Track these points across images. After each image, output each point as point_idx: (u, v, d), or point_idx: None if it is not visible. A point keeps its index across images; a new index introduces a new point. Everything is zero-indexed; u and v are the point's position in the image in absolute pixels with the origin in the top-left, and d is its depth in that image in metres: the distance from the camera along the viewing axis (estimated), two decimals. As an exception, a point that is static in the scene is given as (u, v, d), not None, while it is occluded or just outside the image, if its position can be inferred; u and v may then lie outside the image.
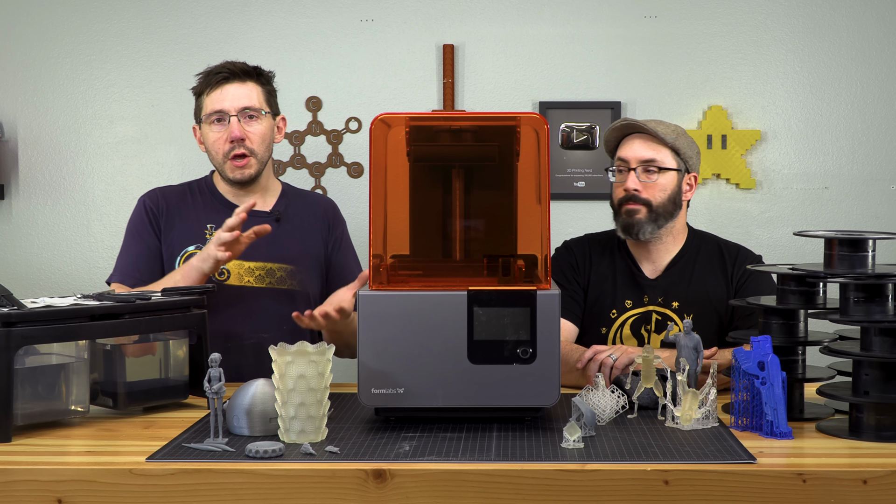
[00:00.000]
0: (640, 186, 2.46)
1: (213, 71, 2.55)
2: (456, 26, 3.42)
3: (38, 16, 3.44)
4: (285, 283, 2.56)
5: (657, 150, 2.46)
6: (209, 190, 2.62)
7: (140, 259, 2.55)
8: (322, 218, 2.66)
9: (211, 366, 1.83)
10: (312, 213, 2.66)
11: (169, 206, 2.59)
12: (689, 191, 2.51)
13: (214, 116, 2.52)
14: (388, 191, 2.04)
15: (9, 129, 3.44)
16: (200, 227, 2.56)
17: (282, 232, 2.58)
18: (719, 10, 3.42)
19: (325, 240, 2.65)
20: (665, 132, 2.47)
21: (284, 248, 2.57)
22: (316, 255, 2.62)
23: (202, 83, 2.56)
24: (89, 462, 1.75)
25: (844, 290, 1.93)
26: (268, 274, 2.53)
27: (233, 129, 2.50)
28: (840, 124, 3.43)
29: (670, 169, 2.46)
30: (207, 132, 2.54)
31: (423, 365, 1.89)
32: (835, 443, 1.87)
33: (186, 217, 2.58)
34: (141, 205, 2.61)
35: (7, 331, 1.84)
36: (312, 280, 2.60)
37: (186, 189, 2.65)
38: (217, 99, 2.52)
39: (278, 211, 2.60)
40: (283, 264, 2.56)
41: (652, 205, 2.45)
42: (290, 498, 1.67)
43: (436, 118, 2.43)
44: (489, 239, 2.10)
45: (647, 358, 2.00)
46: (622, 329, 2.50)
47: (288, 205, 2.63)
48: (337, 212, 2.72)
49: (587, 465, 1.68)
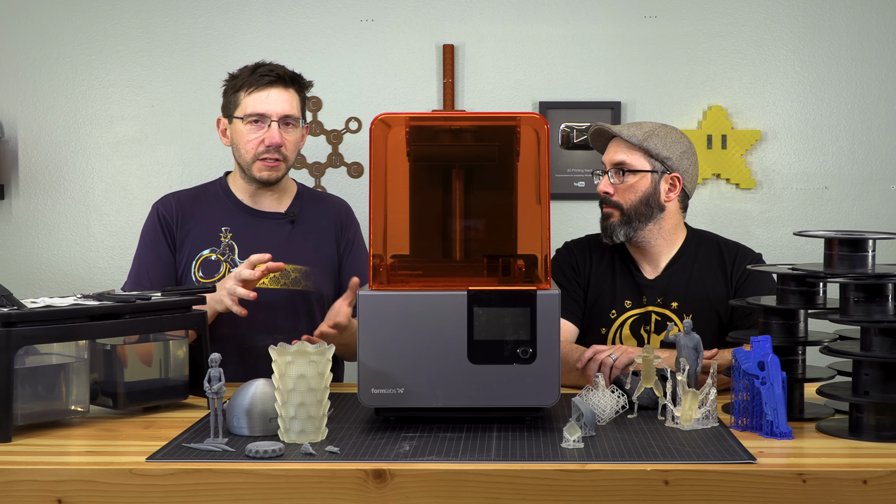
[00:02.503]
0: (612, 189, 2.47)
1: (258, 70, 2.52)
2: (456, 26, 3.42)
3: (38, 16, 3.44)
4: (300, 285, 2.56)
5: (628, 153, 2.46)
6: (224, 192, 2.61)
7: (152, 269, 2.54)
8: (335, 220, 2.67)
9: (211, 366, 1.83)
10: (326, 214, 2.66)
11: (183, 213, 2.58)
12: (671, 191, 2.49)
13: (254, 117, 2.51)
14: (388, 191, 2.04)
15: (9, 129, 3.44)
16: (215, 230, 2.56)
17: (296, 233, 2.59)
18: (719, 10, 3.42)
19: (337, 241, 2.66)
20: (632, 134, 2.46)
21: (299, 250, 2.57)
22: (329, 256, 2.63)
23: (245, 80, 2.52)
24: (89, 462, 1.75)
25: (844, 290, 1.93)
26: (283, 275, 2.53)
27: (273, 135, 2.50)
28: (840, 124, 3.43)
29: (640, 171, 2.45)
30: (241, 130, 2.52)
31: (423, 365, 1.89)
32: (835, 443, 1.87)
33: (201, 221, 2.57)
34: (154, 213, 2.59)
35: (7, 331, 1.84)
36: (326, 281, 2.61)
37: (201, 192, 2.64)
38: (260, 101, 2.50)
39: (293, 212, 2.60)
40: (297, 265, 2.56)
41: (623, 207, 2.46)
42: (290, 498, 1.67)
43: (436, 118, 2.43)
44: (489, 239, 2.10)
45: (647, 358, 2.00)
46: (622, 329, 2.50)
47: (302, 206, 2.64)
48: (351, 214, 2.73)
49: (587, 465, 1.68)
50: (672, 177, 2.47)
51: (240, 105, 2.52)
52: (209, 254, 2.51)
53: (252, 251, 2.47)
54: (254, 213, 2.59)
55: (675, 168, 2.47)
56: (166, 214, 2.57)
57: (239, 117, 2.52)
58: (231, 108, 2.55)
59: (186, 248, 2.54)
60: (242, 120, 2.51)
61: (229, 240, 2.53)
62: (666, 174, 2.47)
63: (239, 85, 2.53)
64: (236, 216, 2.56)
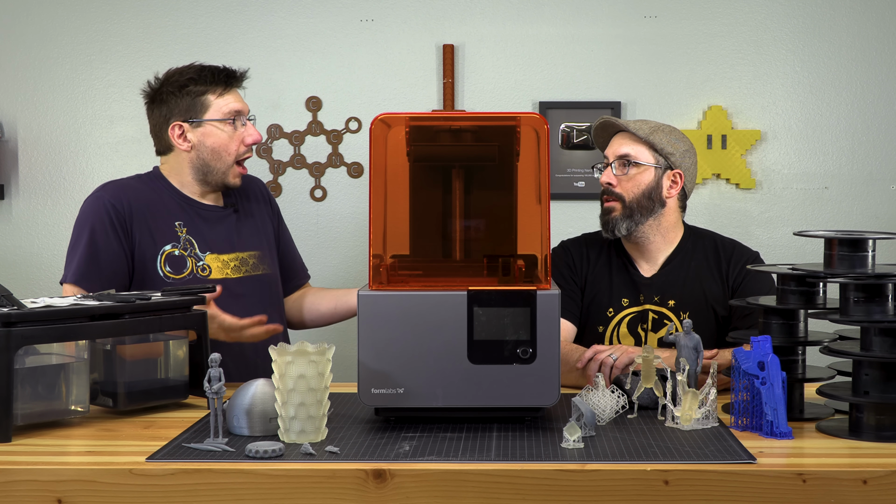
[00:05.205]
0: (614, 180, 2.48)
1: (217, 72, 2.52)
2: (456, 26, 3.42)
3: (38, 16, 3.44)
4: (259, 269, 2.59)
5: (633, 146, 2.48)
6: (166, 187, 2.56)
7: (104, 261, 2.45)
8: (263, 198, 2.71)
9: (211, 366, 1.83)
10: (254, 195, 2.69)
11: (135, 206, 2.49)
12: (673, 187, 2.49)
13: (231, 117, 2.50)
14: (388, 191, 2.04)
15: (9, 129, 3.44)
16: (170, 225, 2.51)
17: (241, 222, 2.61)
18: (719, 10, 3.42)
19: (270, 218, 2.71)
20: (639, 127, 2.47)
21: (249, 236, 2.61)
22: (269, 236, 2.68)
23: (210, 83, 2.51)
24: (89, 462, 1.75)
25: (844, 290, 1.93)
26: (242, 263, 2.55)
27: (256, 131, 2.53)
28: (840, 124, 3.43)
29: (645, 164, 2.46)
30: (216, 132, 2.50)
31: (423, 365, 1.89)
32: (835, 443, 1.87)
33: (154, 215, 2.50)
34: (101, 205, 2.48)
35: (7, 331, 1.84)
36: (274, 261, 2.66)
37: (143, 185, 2.56)
38: (233, 100, 2.52)
39: (233, 203, 2.62)
40: (251, 251, 2.59)
41: (625, 200, 2.47)
42: (290, 498, 1.67)
43: (436, 118, 2.43)
44: (489, 239, 2.10)
45: (647, 358, 2.00)
46: (619, 328, 2.50)
47: (235, 195, 2.64)
48: (267, 188, 2.77)
49: (587, 465, 1.68)
50: (674, 173, 2.48)
51: (210, 107, 2.50)
52: (172, 249, 2.49)
53: (210, 244, 2.51)
54: (202, 207, 2.56)
55: (678, 165, 2.48)
56: (118, 206, 2.47)
57: (214, 119, 2.50)
58: (196, 111, 2.50)
59: (147, 242, 2.48)
60: (222, 121, 2.50)
61: (186, 234, 2.52)
62: (669, 170, 2.48)
63: (203, 89, 2.50)
64: (186, 211, 2.53)
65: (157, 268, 2.47)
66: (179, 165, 2.55)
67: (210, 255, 2.51)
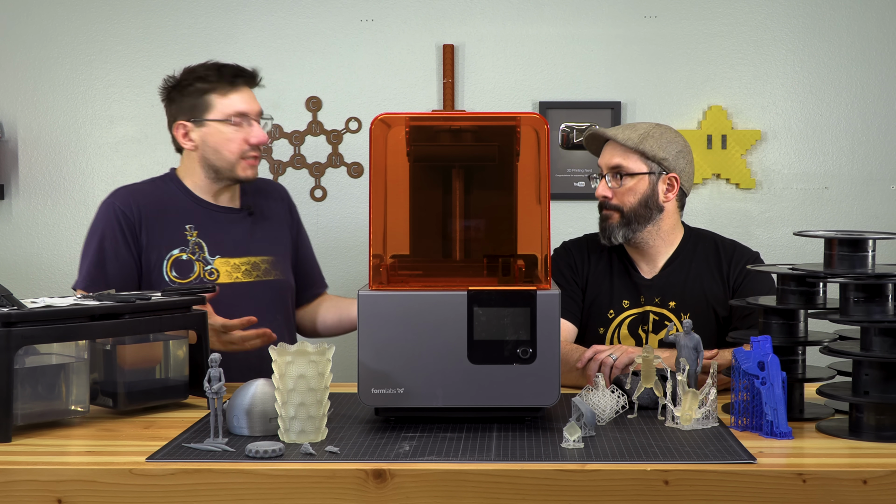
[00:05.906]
0: (610, 193, 2.47)
1: (224, 71, 2.52)
2: (456, 26, 3.42)
3: (38, 16, 3.44)
4: (271, 275, 2.58)
5: (624, 156, 2.46)
6: (180, 190, 2.57)
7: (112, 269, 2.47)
8: (283, 204, 2.71)
9: (211, 366, 1.83)
10: (273, 200, 2.69)
11: (145, 212, 2.50)
12: (669, 191, 2.48)
13: (237, 118, 2.50)
14: (388, 191, 2.04)
15: (9, 129, 3.44)
16: (180, 229, 2.52)
17: (256, 225, 2.61)
18: (719, 10, 3.42)
19: (290, 225, 2.70)
20: (627, 137, 2.45)
21: (262, 241, 2.60)
22: (286, 243, 2.67)
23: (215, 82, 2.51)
24: (89, 462, 1.75)
25: (844, 290, 1.93)
26: (253, 268, 2.55)
27: (260, 133, 2.52)
28: (840, 124, 3.43)
29: (637, 173, 2.45)
30: (221, 131, 2.50)
31: (423, 365, 1.89)
32: (835, 443, 1.87)
33: (164, 220, 2.51)
34: (112, 212, 2.51)
35: (7, 331, 1.84)
36: (288, 268, 2.65)
37: (156, 189, 2.57)
38: (239, 101, 2.51)
39: (248, 205, 2.62)
40: (264, 256, 2.58)
41: (623, 210, 2.46)
42: (290, 498, 1.67)
43: (436, 118, 2.43)
44: (489, 239, 2.10)
45: (647, 358, 2.00)
46: (619, 329, 2.50)
47: (253, 198, 2.64)
48: (289, 195, 2.76)
49: (587, 465, 1.68)
50: (669, 177, 2.47)
51: (214, 107, 2.50)
52: (179, 253, 2.49)
53: (221, 248, 2.50)
54: (215, 209, 2.56)
55: (672, 168, 2.47)
56: (127, 213, 2.49)
57: (217, 119, 2.50)
58: (199, 110, 2.51)
59: (153, 247, 2.49)
60: (223, 122, 2.49)
61: (196, 238, 2.51)
62: (663, 175, 2.47)
63: (207, 88, 2.50)
64: (198, 213, 2.53)
65: (163, 272, 2.48)
66: (192, 165, 2.56)
67: (220, 258, 2.51)
